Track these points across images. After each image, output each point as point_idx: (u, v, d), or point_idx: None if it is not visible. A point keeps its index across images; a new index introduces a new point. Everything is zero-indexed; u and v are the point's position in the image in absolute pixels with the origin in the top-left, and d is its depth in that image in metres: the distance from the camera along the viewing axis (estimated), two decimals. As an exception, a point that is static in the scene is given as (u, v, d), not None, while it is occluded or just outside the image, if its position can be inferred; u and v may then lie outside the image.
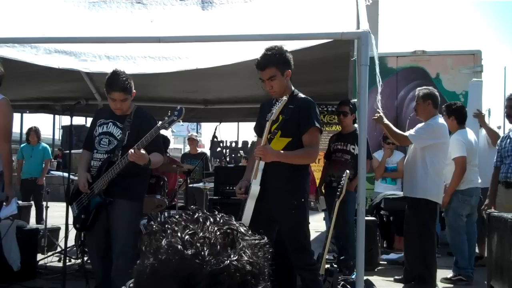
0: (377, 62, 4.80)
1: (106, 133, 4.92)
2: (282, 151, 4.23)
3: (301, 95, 4.40)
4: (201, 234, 0.97)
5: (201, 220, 1.02)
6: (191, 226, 0.99)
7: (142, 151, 4.52)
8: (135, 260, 3.85)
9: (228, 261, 0.94)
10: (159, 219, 7.22)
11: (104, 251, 4.89)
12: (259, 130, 4.57)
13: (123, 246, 4.70)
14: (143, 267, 0.99)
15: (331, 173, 6.80)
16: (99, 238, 4.92)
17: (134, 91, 4.92)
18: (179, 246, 0.95)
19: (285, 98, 4.12)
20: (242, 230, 1.02)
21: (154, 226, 1.03)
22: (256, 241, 1.01)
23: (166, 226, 1.01)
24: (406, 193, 6.45)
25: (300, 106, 4.25)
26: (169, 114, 4.66)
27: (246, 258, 0.96)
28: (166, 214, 7.68)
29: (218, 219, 1.03)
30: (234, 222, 1.03)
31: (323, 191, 7.05)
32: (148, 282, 0.97)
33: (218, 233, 0.98)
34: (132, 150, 4.48)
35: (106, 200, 4.75)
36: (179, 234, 0.97)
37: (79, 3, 5.91)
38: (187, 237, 0.96)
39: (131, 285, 1.05)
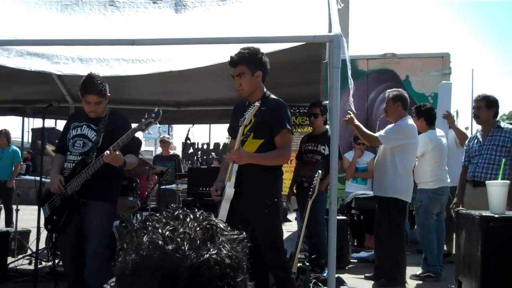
0: (349, 64, 4.89)
1: (81, 135, 4.91)
2: (255, 154, 4.30)
3: (273, 97, 4.46)
4: (181, 229, 1.00)
5: (181, 216, 1.05)
6: (171, 223, 1.02)
7: (118, 152, 4.53)
8: (108, 261, 3.88)
9: (208, 255, 0.97)
10: (132, 221, 7.23)
11: (77, 253, 4.88)
12: (232, 132, 4.63)
13: (96, 247, 4.71)
14: (124, 263, 1.00)
15: (302, 174, 6.90)
16: (71, 240, 4.89)
17: (109, 94, 4.93)
18: (160, 242, 0.98)
19: (257, 104, 4.20)
20: (221, 226, 1.06)
21: (136, 224, 1.06)
22: (235, 236, 1.05)
23: (147, 223, 1.04)
24: (376, 192, 6.57)
25: (271, 108, 4.31)
26: (146, 116, 4.67)
27: (225, 252, 0.99)
28: (138, 216, 7.69)
29: (198, 215, 1.06)
30: (213, 218, 1.07)
31: (295, 191, 7.14)
32: (129, 278, 0.98)
33: (198, 228, 1.02)
34: (108, 152, 4.49)
35: (79, 201, 4.74)
36: (160, 230, 1.00)
37: (51, 6, 5.89)
38: (167, 233, 0.99)
39: (113, 283, 1.05)
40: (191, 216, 1.06)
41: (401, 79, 9.81)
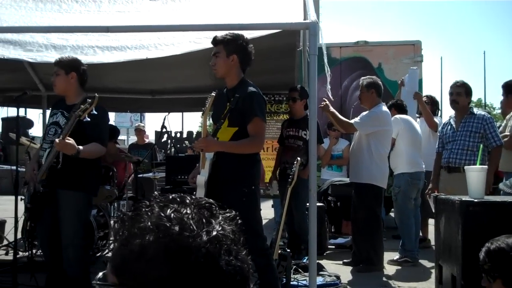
0: (325, 52, 4.92)
1: (54, 123, 4.84)
2: (225, 142, 4.30)
3: (249, 85, 4.42)
4: (184, 210, 1.01)
5: (178, 199, 1.05)
6: (171, 205, 1.03)
7: (68, 141, 4.39)
8: (85, 250, 3.83)
9: (215, 232, 0.99)
10: (109, 210, 7.19)
11: (54, 242, 4.82)
12: (213, 119, 4.65)
13: (71, 238, 4.64)
14: (124, 253, 0.98)
15: (284, 160, 6.84)
16: (48, 228, 4.83)
17: (74, 73, 4.83)
18: (167, 224, 0.97)
19: (213, 93, 4.24)
20: (215, 205, 1.07)
21: (129, 213, 1.04)
22: (228, 214, 1.07)
23: (142, 210, 1.03)
24: (352, 179, 6.63)
25: (244, 96, 4.30)
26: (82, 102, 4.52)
27: (228, 228, 1.02)
28: (115, 204, 7.65)
29: (191, 197, 1.07)
30: (206, 199, 1.09)
31: (277, 177, 7.11)
32: (135, 265, 0.96)
33: (197, 208, 1.03)
34: (57, 140, 4.39)
35: (40, 190, 4.65)
36: (162, 213, 1.00)
37: (24, -8, 5.79)
38: (172, 214, 0.99)
39: (101, 276, 1.04)
40: (188, 198, 1.06)
41: (374, 67, 9.91)
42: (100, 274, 1.05)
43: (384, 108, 6.49)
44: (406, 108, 7.28)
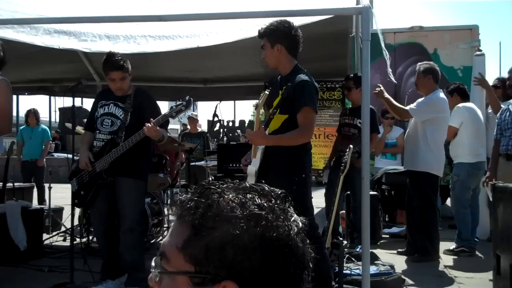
0: (381, 36, 4.81)
1: (108, 114, 4.94)
2: (273, 136, 4.24)
3: (301, 73, 4.34)
4: (273, 201, 1.00)
5: (255, 187, 1.03)
6: (254, 194, 1.00)
7: (158, 128, 4.59)
8: (141, 236, 3.88)
9: (299, 220, 1.00)
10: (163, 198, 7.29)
11: (109, 229, 4.95)
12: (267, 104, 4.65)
13: (130, 223, 4.77)
14: (211, 240, 0.93)
15: (340, 148, 6.75)
16: (103, 216, 4.98)
17: (132, 70, 4.91)
18: (262, 213, 0.96)
19: (266, 92, 4.21)
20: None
21: (199, 199, 0.99)
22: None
23: (224, 196, 0.98)
24: (407, 167, 6.49)
25: (295, 85, 4.24)
26: (176, 103, 4.70)
27: (296, 217, 1.02)
28: (169, 192, 7.75)
29: (260, 186, 1.05)
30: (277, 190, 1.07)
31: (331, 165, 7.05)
32: (225, 253, 0.93)
33: (277, 197, 1.03)
34: (149, 124, 4.52)
35: (107, 180, 4.83)
36: (256, 201, 0.98)
37: (78, -17, 5.89)
38: (265, 204, 0.98)
39: (154, 263, 1.01)
40: (263, 186, 1.05)
41: (429, 52, 9.62)
42: (153, 262, 1.02)
43: (441, 94, 6.30)
44: (468, 93, 7.05)
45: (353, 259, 5.25)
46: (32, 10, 5.53)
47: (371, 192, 7.32)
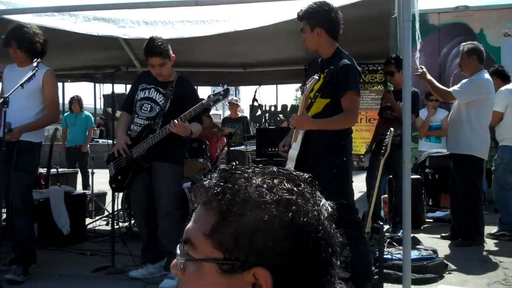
0: (417, 18, 4.67)
1: (148, 98, 4.95)
2: (318, 120, 4.17)
3: (344, 56, 4.25)
4: (301, 185, 0.98)
5: (282, 171, 1.01)
6: (282, 178, 0.98)
7: (186, 124, 4.59)
8: (179, 221, 3.89)
9: (325, 206, 0.98)
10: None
11: (149, 214, 4.99)
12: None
13: (167, 208, 4.81)
14: (241, 226, 0.92)
15: (381, 132, 6.64)
16: (143, 201, 5.03)
17: (173, 55, 4.92)
18: (293, 197, 0.94)
19: (316, 77, 4.08)
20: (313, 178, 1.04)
21: (227, 185, 0.96)
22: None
23: (252, 181, 0.96)
24: (450, 150, 6.35)
25: (338, 69, 4.15)
26: (214, 92, 4.70)
27: (324, 201, 1.00)
28: (209, 177, 7.77)
29: (287, 170, 1.02)
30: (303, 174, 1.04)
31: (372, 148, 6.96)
32: (255, 239, 0.91)
33: (304, 181, 1.00)
34: (176, 121, 4.53)
35: (143, 166, 4.86)
36: (284, 185, 0.96)
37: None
38: (295, 188, 0.96)
39: (179, 250, 1.00)
40: (290, 171, 1.02)
41: (475, 33, 9.37)
42: (178, 249, 1.01)
43: (487, 75, 6.11)
44: (508, 74, 6.84)
45: (395, 243, 5.18)
46: (70, 0, 5.61)
47: (414, 176, 7.21)
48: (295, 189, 0.95)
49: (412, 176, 5.34)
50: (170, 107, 4.84)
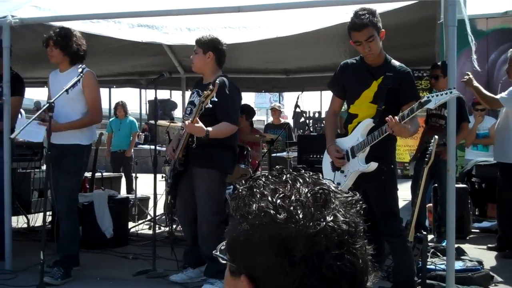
0: (467, 21, 4.57)
1: (190, 102, 5.02)
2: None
3: (396, 62, 4.21)
4: (292, 197, 0.94)
5: (289, 181, 0.99)
6: (280, 189, 0.97)
7: (198, 124, 4.52)
8: (219, 227, 3.86)
9: (324, 223, 0.91)
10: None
11: (194, 218, 4.97)
12: (339, 92, 4.50)
13: (205, 214, 4.80)
14: (235, 232, 0.97)
15: (426, 139, 6.52)
16: (188, 205, 5.01)
17: (211, 52, 4.87)
18: (271, 211, 0.93)
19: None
20: (333, 188, 0.98)
21: (241, 190, 1.01)
22: (349, 198, 0.98)
23: (254, 190, 0.98)
24: (497, 158, 6.21)
25: (401, 76, 4.10)
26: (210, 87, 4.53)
27: (341, 218, 0.93)
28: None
29: (307, 179, 0.99)
30: (324, 181, 1.00)
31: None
32: (242, 246, 0.96)
33: (310, 194, 0.95)
34: (187, 122, 4.55)
35: (175, 170, 4.91)
36: (269, 198, 0.95)
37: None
38: (278, 201, 0.94)
39: (223, 247, 1.02)
40: (300, 180, 0.99)
41: (525, 39, 9.10)
42: (220, 245, 1.04)
43: (535, 82, 5.94)
44: None
45: (439, 254, 5.06)
46: (116, 5, 5.69)
47: (460, 185, 7.05)
48: (280, 202, 0.94)
49: (458, 185, 5.23)
50: (205, 109, 4.68)
